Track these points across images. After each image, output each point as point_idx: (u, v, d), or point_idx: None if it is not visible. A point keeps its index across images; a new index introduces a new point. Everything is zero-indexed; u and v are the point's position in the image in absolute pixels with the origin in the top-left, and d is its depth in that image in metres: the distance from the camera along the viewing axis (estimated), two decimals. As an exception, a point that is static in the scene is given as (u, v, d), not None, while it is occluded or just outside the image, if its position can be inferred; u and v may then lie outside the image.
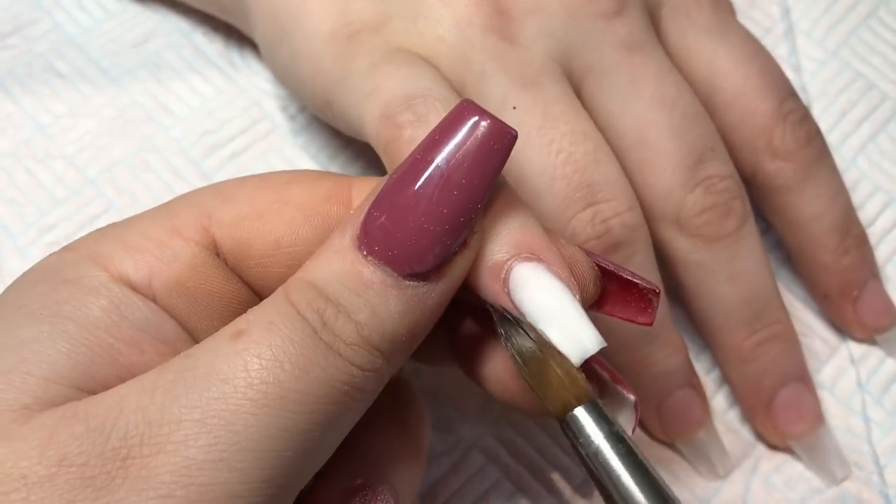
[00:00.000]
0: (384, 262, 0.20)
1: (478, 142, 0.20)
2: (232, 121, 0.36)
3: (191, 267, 0.22)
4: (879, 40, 0.40)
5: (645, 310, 0.23)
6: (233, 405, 0.19)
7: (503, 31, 0.28)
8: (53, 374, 0.20)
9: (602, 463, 0.21)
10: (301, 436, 0.19)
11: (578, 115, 0.28)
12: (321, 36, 0.29)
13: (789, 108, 0.31)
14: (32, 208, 0.33)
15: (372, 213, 0.20)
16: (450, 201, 0.20)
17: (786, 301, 0.31)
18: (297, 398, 0.19)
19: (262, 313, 0.20)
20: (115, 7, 0.38)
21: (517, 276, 0.21)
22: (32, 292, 0.21)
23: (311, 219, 0.23)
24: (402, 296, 0.20)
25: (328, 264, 0.20)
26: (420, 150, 0.21)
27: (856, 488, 0.31)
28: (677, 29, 0.32)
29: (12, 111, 0.35)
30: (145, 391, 0.19)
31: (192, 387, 0.19)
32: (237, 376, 0.19)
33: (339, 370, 0.20)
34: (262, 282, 0.23)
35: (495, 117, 0.20)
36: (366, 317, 0.20)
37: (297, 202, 0.23)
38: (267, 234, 0.23)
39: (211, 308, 0.22)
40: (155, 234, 0.22)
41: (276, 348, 0.19)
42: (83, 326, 0.20)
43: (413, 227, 0.20)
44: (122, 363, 0.20)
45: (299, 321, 0.20)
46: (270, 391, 0.19)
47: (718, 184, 0.29)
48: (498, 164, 0.20)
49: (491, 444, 0.31)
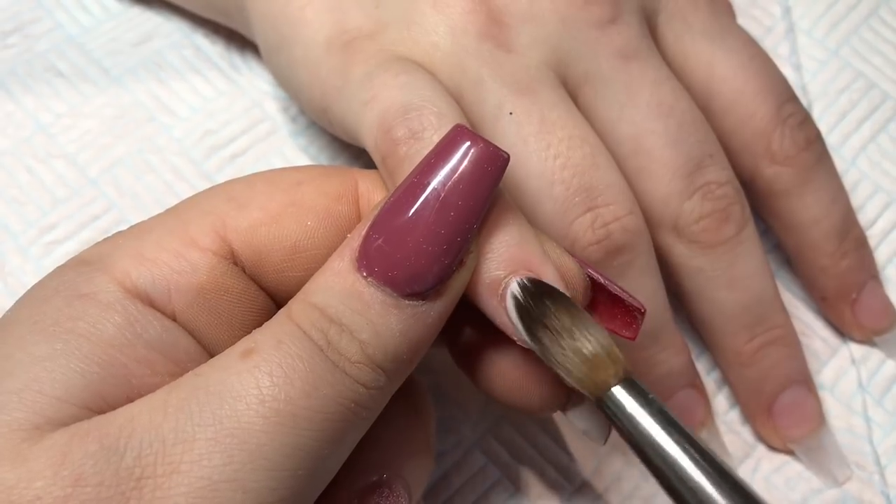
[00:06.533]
0: (384, 283, 0.20)
1: (472, 165, 0.21)
2: (233, 122, 0.36)
3: (211, 279, 0.22)
4: (880, 39, 0.40)
5: (630, 325, 0.24)
6: (245, 423, 0.19)
7: (498, 39, 0.28)
8: (66, 393, 0.19)
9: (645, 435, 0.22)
10: (311, 454, 0.19)
11: (576, 120, 0.28)
12: (318, 44, 0.29)
13: (788, 111, 0.31)
14: (33, 207, 0.33)
15: (370, 236, 0.21)
16: (447, 222, 0.20)
17: (786, 301, 0.31)
18: (308, 415, 0.19)
19: (269, 333, 0.20)
20: (117, 7, 0.38)
21: (514, 291, 0.22)
22: (47, 307, 0.21)
23: (324, 221, 0.23)
24: (402, 315, 0.21)
25: (329, 286, 0.21)
26: (416, 174, 0.21)
27: (857, 489, 0.31)
28: (674, 34, 0.32)
29: (13, 110, 0.35)
30: (157, 409, 0.19)
31: (204, 405, 0.19)
32: (249, 394, 0.19)
33: (345, 387, 0.20)
34: (279, 286, 0.23)
35: (488, 141, 0.21)
36: (369, 336, 0.20)
37: (310, 204, 0.23)
38: (284, 240, 0.23)
39: (231, 318, 0.22)
40: (171, 245, 0.22)
41: (286, 366, 0.19)
42: (97, 344, 0.20)
43: (412, 248, 0.20)
44: (134, 384, 0.20)
45: (306, 340, 0.20)
46: (282, 409, 0.19)
47: (717, 190, 0.29)
48: (492, 186, 0.21)
49: (491, 444, 0.31)
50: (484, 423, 0.31)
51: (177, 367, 0.21)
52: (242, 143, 0.36)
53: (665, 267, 0.30)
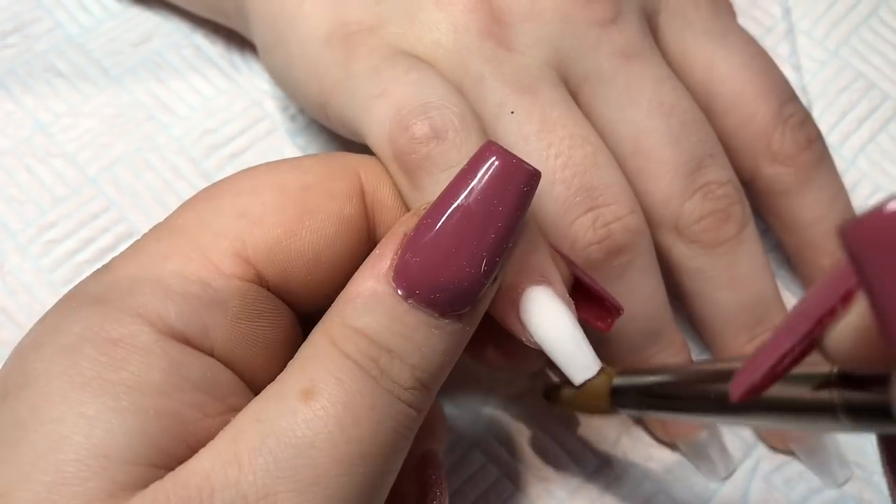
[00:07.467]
0: (426, 305, 0.20)
1: (508, 185, 0.21)
2: (232, 121, 0.36)
3: (243, 307, 0.22)
4: (880, 40, 0.40)
5: (605, 318, 0.26)
6: (322, 471, 0.19)
7: (500, 38, 0.28)
8: (132, 455, 0.19)
9: None
10: (379, 482, 0.20)
11: (577, 120, 0.28)
12: (317, 39, 0.28)
13: (789, 111, 0.31)
14: (33, 206, 0.33)
15: (407, 256, 0.20)
16: (487, 244, 0.20)
17: (786, 301, 0.31)
18: (375, 451, 0.19)
19: (323, 370, 0.20)
20: (117, 7, 0.38)
21: (527, 300, 0.22)
22: (80, 357, 0.19)
23: (340, 226, 0.23)
24: (443, 334, 0.21)
25: (371, 310, 0.20)
26: (452, 192, 0.21)
27: (857, 488, 0.31)
28: (675, 34, 0.32)
29: (13, 109, 0.35)
30: (230, 464, 0.18)
31: (279, 455, 0.19)
32: (321, 440, 0.19)
33: (402, 414, 0.20)
34: (300, 298, 0.23)
35: (520, 159, 0.21)
36: (418, 360, 0.20)
37: (323, 211, 0.23)
38: (306, 253, 0.23)
39: (266, 342, 0.22)
40: (196, 276, 0.21)
41: (351, 406, 0.19)
42: (147, 395, 0.19)
43: (454, 270, 0.20)
44: (189, 430, 0.19)
45: (360, 372, 0.20)
46: (354, 450, 0.19)
47: (717, 190, 0.29)
48: (527, 205, 0.21)
49: (491, 444, 0.31)
50: (484, 423, 0.31)
51: (223, 405, 0.20)
52: (242, 142, 0.35)
53: (665, 267, 0.30)
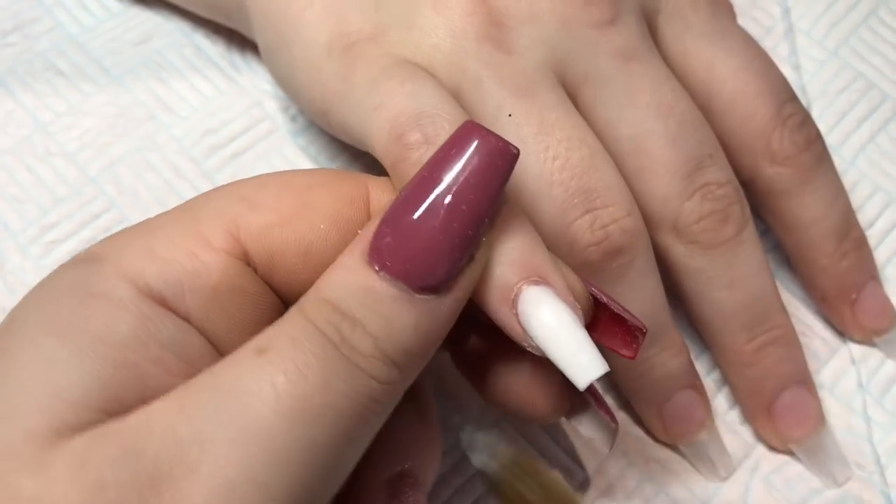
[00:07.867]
0: (396, 277, 0.20)
1: (482, 159, 0.21)
2: (233, 121, 0.36)
3: (225, 279, 0.22)
4: (880, 40, 0.40)
5: (630, 344, 0.24)
6: (261, 420, 0.18)
7: (498, 41, 0.28)
8: (84, 398, 0.19)
9: None
10: (326, 450, 0.19)
11: (574, 122, 0.28)
12: (318, 47, 0.29)
13: (788, 112, 0.31)
14: (33, 206, 0.33)
15: (382, 231, 0.21)
16: (459, 216, 0.20)
17: (786, 301, 0.31)
18: (322, 411, 0.19)
19: (282, 330, 0.20)
20: (117, 6, 0.38)
21: (525, 298, 0.22)
22: (58, 306, 0.20)
23: (336, 224, 0.23)
24: (414, 309, 0.20)
25: (341, 281, 0.21)
26: (427, 169, 0.21)
27: (857, 488, 0.31)
28: (674, 34, 0.32)
29: (13, 109, 0.35)
30: (173, 410, 0.19)
31: (220, 403, 0.19)
32: (264, 391, 0.19)
33: (359, 382, 0.20)
34: (290, 287, 0.23)
35: (498, 136, 0.21)
36: (381, 330, 0.20)
37: (322, 207, 0.23)
38: (297, 243, 0.23)
39: (244, 319, 0.22)
40: (184, 244, 0.22)
41: (299, 362, 0.19)
42: (111, 345, 0.20)
43: (423, 242, 0.20)
44: (149, 385, 0.20)
45: (319, 336, 0.20)
46: (297, 405, 0.19)
47: (716, 190, 0.29)
48: (503, 180, 0.21)
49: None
50: (484, 422, 0.31)
51: (190, 368, 0.21)
52: (242, 142, 0.36)
53: (665, 267, 0.30)
